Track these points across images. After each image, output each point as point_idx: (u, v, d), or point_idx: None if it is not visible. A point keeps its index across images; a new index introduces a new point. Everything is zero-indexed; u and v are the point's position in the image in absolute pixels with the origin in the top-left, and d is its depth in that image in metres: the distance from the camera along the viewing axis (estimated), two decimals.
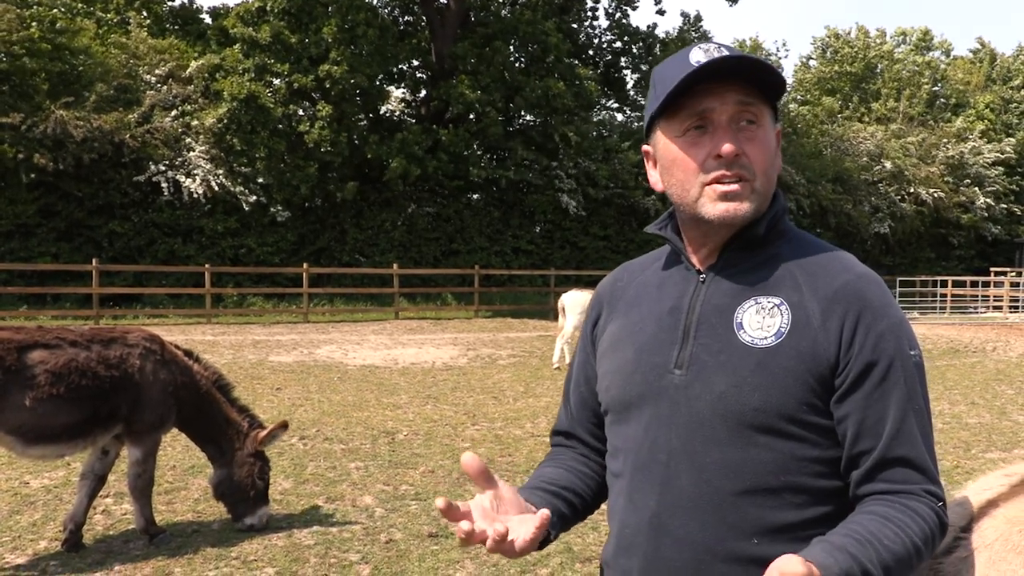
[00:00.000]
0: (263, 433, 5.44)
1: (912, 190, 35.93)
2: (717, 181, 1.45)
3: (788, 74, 52.09)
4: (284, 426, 5.55)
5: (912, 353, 1.45)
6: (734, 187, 1.45)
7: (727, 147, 1.43)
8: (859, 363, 1.41)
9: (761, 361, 1.42)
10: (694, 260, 1.57)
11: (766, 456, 1.40)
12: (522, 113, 29.34)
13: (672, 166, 1.50)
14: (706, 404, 1.43)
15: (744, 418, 1.40)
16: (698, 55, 1.44)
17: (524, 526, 1.36)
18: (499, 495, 1.39)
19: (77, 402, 4.74)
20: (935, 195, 35.73)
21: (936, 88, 49.11)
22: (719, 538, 1.40)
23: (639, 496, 1.48)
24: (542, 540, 1.45)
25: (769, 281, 1.49)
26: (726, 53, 1.43)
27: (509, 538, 1.33)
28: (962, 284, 33.09)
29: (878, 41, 53.49)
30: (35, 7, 23.32)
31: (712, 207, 1.46)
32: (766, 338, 1.43)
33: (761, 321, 1.45)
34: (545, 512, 1.34)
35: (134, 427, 5.04)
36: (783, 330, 1.43)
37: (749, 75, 1.44)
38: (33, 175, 21.36)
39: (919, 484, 1.39)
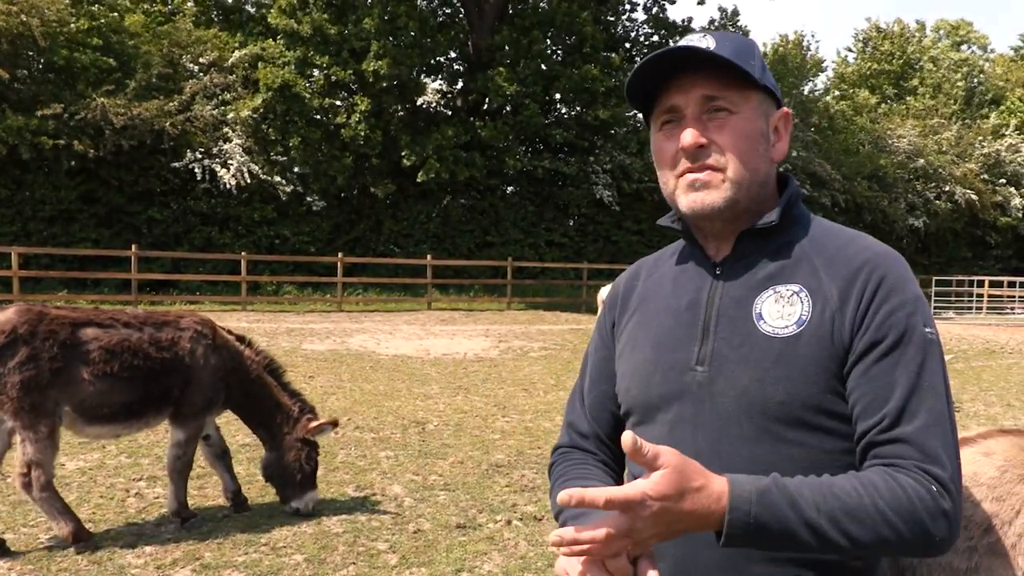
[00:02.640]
0: (314, 424, 5.54)
1: (947, 188, 35.38)
2: (686, 172, 1.45)
3: (827, 67, 51.52)
4: (335, 423, 5.66)
5: (927, 330, 1.37)
6: (700, 176, 1.44)
7: (685, 140, 1.42)
8: (866, 339, 1.35)
9: (782, 352, 1.37)
10: (709, 252, 1.54)
11: (796, 452, 1.36)
12: (559, 106, 29.28)
13: (657, 162, 1.53)
14: (730, 400, 1.39)
15: (769, 412, 1.36)
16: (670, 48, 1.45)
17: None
18: None
19: (130, 381, 4.89)
20: (967, 196, 35.12)
21: (973, 84, 48.32)
22: None
23: None
24: None
25: (786, 269, 1.45)
26: (692, 43, 1.42)
27: None
28: (999, 284, 32.54)
29: (916, 36, 52.77)
30: (93, 6, 23.61)
31: (684, 198, 1.47)
32: (787, 327, 1.39)
33: (781, 310, 1.41)
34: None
35: (182, 409, 5.17)
36: (804, 318, 1.39)
37: (716, 64, 1.41)
38: (74, 162, 21.67)
39: (913, 461, 1.29)
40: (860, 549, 1.25)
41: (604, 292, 13.30)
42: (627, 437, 1.18)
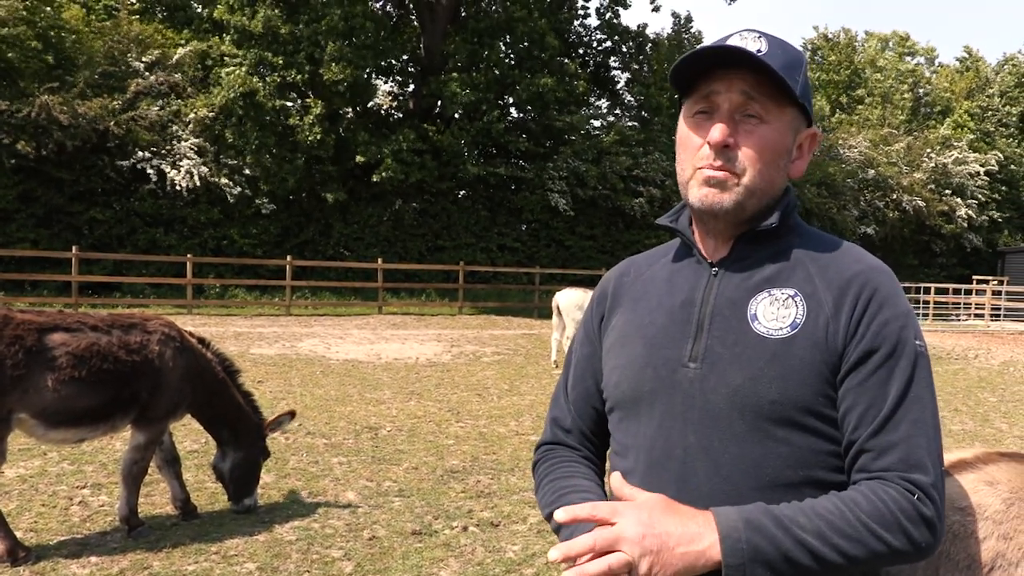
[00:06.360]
0: (271, 419, 5.53)
1: (895, 197, 36.02)
2: (706, 167, 1.47)
3: None
4: (291, 414, 5.63)
5: (917, 343, 1.42)
6: (719, 174, 1.45)
7: (713, 135, 1.43)
8: (859, 349, 1.39)
9: (777, 352, 1.40)
10: (705, 253, 1.55)
11: (784, 450, 1.38)
12: (512, 111, 29.24)
13: (680, 146, 1.54)
14: (722, 397, 1.41)
15: (761, 411, 1.38)
16: (731, 40, 1.47)
17: None
18: None
19: (98, 386, 4.74)
20: (915, 204, 35.84)
21: (920, 96, 49.32)
22: None
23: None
24: None
25: (782, 273, 1.48)
26: (745, 45, 1.44)
27: None
28: (944, 291, 33.25)
29: (865, 46, 53.71)
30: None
31: (696, 191, 1.48)
32: (781, 329, 1.42)
33: (776, 312, 1.44)
34: None
35: (147, 413, 5.03)
36: (798, 321, 1.42)
37: (760, 69, 1.43)
38: (13, 160, 21.09)
39: (897, 472, 1.34)
40: (856, 564, 1.29)
41: (559, 297, 13.26)
42: (616, 479, 1.27)
